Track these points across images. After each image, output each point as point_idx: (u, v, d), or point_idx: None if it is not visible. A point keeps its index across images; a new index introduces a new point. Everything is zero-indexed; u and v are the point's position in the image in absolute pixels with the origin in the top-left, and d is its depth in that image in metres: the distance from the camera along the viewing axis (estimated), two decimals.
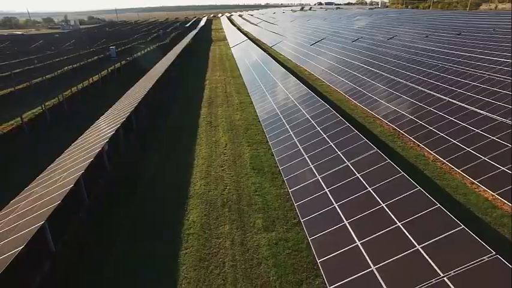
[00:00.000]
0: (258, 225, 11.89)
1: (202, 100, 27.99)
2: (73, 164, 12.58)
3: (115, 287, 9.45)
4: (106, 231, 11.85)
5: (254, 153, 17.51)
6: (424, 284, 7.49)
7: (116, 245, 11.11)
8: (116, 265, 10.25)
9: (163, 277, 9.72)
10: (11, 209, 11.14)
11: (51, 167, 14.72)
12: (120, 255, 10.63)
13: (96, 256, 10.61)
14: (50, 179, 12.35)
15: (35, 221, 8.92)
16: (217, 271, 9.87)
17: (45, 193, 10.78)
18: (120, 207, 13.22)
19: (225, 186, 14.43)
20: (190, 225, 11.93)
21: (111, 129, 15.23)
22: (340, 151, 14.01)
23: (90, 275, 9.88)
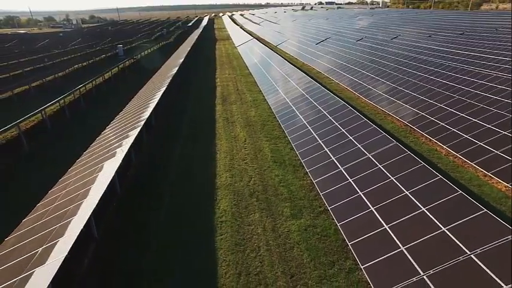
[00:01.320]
0: (286, 213, 12.61)
1: (216, 97, 28.67)
2: (106, 157, 13.26)
3: (155, 272, 10.12)
4: (140, 219, 12.55)
5: (273, 147, 18.22)
6: (453, 261, 8.22)
7: (152, 232, 11.81)
8: (154, 250, 10.95)
9: (203, 260, 10.41)
10: (53, 198, 11.81)
11: (82, 159, 15.43)
12: (157, 241, 11.33)
13: (133, 243, 11.30)
14: (86, 170, 13.05)
15: (85, 208, 9.60)
16: (254, 254, 10.58)
17: (84, 183, 11.47)
18: (151, 197, 13.92)
19: (250, 178, 15.14)
20: (222, 214, 12.64)
21: (137, 126, 15.92)
22: (360, 144, 14.73)
23: (129, 261, 10.57)
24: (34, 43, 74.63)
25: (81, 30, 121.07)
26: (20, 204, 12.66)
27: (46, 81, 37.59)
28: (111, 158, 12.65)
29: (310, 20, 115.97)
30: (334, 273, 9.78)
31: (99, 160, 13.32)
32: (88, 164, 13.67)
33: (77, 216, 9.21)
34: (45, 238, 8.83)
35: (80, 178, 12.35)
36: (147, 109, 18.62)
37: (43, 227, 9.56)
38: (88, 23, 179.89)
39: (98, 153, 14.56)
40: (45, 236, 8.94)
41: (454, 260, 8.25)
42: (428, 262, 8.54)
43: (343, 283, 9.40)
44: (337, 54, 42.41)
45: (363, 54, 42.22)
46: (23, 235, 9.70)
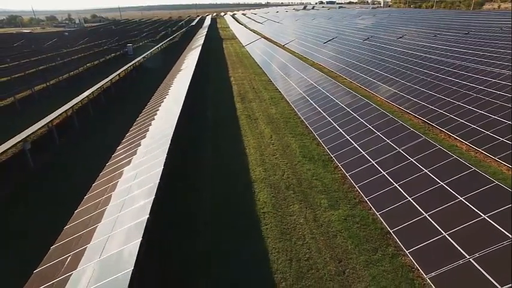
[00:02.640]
0: (324, 204, 13.27)
1: (234, 95, 29.30)
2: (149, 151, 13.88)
3: (208, 258, 10.75)
4: (186, 208, 13.20)
5: (300, 143, 18.88)
6: (498, 245, 8.89)
7: (200, 219, 12.49)
8: (205, 238, 11.60)
9: (254, 248, 11.06)
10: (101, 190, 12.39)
11: (120, 152, 16.04)
12: (206, 230, 11.99)
13: (184, 231, 11.95)
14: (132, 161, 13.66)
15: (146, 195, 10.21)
16: (300, 242, 11.24)
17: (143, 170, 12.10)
18: (193, 190, 14.57)
19: (283, 172, 15.80)
20: (263, 205, 13.29)
21: (171, 125, 16.51)
22: (388, 139, 15.39)
23: (182, 248, 11.22)
24: (42, 42, 75.00)
25: (85, 30, 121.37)
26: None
27: (62, 79, 38.16)
28: (154, 161, 12.97)
29: (313, 20, 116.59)
30: (378, 258, 10.45)
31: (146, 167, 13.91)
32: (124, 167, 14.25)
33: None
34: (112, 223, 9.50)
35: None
36: (178, 108, 19.16)
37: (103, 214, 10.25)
38: (90, 23, 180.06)
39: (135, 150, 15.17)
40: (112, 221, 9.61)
41: (499, 244, 8.91)
42: (473, 246, 9.21)
43: (388, 267, 10.06)
44: (346, 53, 43.08)
45: (372, 54, 42.91)
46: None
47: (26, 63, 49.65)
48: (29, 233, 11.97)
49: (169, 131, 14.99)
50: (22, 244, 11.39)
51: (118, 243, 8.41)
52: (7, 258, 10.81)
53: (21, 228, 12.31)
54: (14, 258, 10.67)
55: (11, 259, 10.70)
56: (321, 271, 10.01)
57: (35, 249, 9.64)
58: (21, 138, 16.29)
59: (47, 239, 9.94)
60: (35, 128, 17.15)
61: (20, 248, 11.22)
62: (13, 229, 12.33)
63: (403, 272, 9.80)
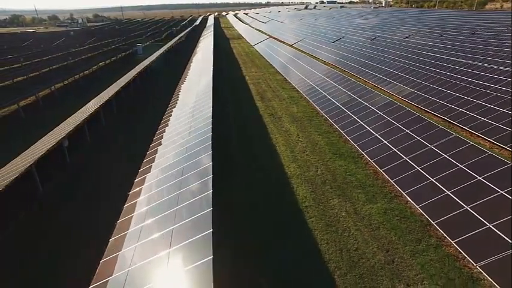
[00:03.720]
0: (361, 198, 13.82)
1: (252, 94, 29.81)
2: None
3: (257, 251, 11.29)
4: (229, 204, 13.73)
5: (327, 140, 19.43)
6: None
7: (240, 214, 13.02)
8: (253, 231, 12.13)
9: (304, 239, 11.60)
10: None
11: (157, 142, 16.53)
12: (254, 227, 12.51)
13: (227, 227, 12.49)
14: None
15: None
16: (347, 234, 11.79)
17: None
18: (229, 186, 15.09)
19: (317, 168, 16.34)
20: (303, 200, 13.83)
21: (207, 123, 17.04)
22: (418, 136, 15.94)
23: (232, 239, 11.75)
24: (50, 42, 75.28)
25: (90, 29, 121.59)
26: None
27: (78, 78, 38.62)
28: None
29: (316, 20, 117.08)
30: (423, 248, 11.00)
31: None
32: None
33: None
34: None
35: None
36: (208, 106, 19.65)
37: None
38: (92, 22, 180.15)
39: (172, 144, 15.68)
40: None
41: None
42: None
43: (434, 257, 10.62)
44: (357, 52, 43.63)
45: (382, 53, 43.51)
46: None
47: (37, 62, 50.01)
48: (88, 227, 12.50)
49: (207, 128, 15.51)
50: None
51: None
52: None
53: (76, 223, 12.83)
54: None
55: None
56: (371, 260, 10.56)
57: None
58: (61, 135, 16.77)
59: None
60: (72, 126, 17.61)
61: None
62: (70, 224, 12.83)
63: (450, 261, 10.36)
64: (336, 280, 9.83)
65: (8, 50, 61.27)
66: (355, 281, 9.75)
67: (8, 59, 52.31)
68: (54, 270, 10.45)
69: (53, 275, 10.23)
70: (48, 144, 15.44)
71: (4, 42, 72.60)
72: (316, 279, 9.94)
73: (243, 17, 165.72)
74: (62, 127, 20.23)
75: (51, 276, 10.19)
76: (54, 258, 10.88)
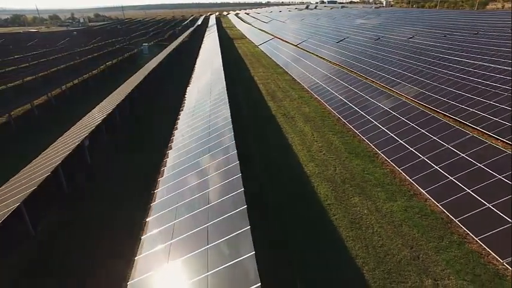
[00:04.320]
0: (381, 196, 14.14)
1: (263, 95, 30.11)
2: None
3: (284, 245, 11.60)
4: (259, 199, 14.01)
5: (342, 140, 19.74)
6: None
7: (269, 210, 13.32)
8: (281, 228, 12.44)
9: (330, 236, 11.91)
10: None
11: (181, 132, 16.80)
12: (280, 222, 12.83)
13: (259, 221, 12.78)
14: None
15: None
16: (371, 231, 12.11)
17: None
18: (253, 184, 15.38)
19: (335, 168, 16.65)
20: (325, 198, 14.15)
21: (227, 123, 17.36)
22: (435, 136, 16.26)
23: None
24: (54, 42, 75.47)
25: (92, 29, 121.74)
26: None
27: (87, 78, 38.88)
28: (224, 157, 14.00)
29: (318, 20, 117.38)
30: (446, 245, 11.32)
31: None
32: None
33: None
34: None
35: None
36: (225, 104, 19.96)
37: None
38: (93, 22, 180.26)
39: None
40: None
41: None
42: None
43: (458, 253, 10.94)
44: (363, 53, 43.95)
45: (388, 54, 43.85)
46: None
47: (44, 62, 50.27)
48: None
49: (228, 128, 15.82)
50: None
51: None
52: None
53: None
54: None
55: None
56: (396, 256, 10.88)
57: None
58: (82, 135, 17.05)
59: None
60: (92, 127, 17.88)
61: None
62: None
63: (474, 258, 10.68)
64: (365, 275, 10.14)
65: (14, 50, 61.48)
66: (384, 276, 10.07)
67: (16, 59, 52.58)
68: (84, 273, 10.75)
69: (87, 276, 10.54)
70: (72, 144, 15.71)
71: (9, 42, 72.74)
72: (346, 274, 10.25)
73: (244, 17, 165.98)
74: (79, 127, 20.52)
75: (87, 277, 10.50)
76: (88, 257, 11.17)
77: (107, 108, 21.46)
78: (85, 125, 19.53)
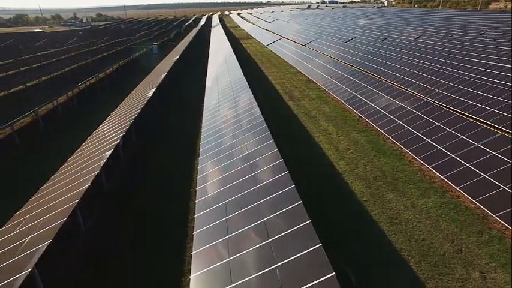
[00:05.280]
0: (415, 193, 14.60)
1: (281, 94, 30.55)
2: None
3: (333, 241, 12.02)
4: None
5: (367, 139, 20.20)
6: None
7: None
8: (325, 225, 12.88)
9: (373, 231, 12.36)
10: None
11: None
12: (321, 218, 13.27)
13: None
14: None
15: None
16: (411, 225, 12.57)
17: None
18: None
19: (365, 166, 17.10)
20: (362, 195, 14.60)
21: (260, 121, 17.82)
22: (462, 135, 16.72)
23: None
24: (62, 42, 75.76)
25: (96, 29, 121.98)
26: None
27: (105, 76, 39.30)
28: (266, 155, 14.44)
29: (322, 19, 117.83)
30: (486, 239, 11.78)
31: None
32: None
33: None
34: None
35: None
36: (253, 101, 20.41)
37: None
38: (96, 21, 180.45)
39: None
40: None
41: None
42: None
43: (500, 247, 11.39)
44: (374, 53, 44.42)
45: (398, 54, 44.33)
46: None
47: (55, 62, 50.64)
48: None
49: (263, 127, 16.28)
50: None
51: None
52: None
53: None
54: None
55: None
56: (439, 250, 11.33)
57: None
58: (117, 135, 17.46)
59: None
60: (128, 124, 18.27)
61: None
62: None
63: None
64: (412, 268, 10.60)
65: (24, 50, 61.79)
66: (431, 268, 10.52)
67: (28, 58, 52.93)
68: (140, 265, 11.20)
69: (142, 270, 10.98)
70: (107, 145, 16.11)
71: (18, 42, 73.03)
72: (393, 266, 10.70)
73: (247, 17, 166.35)
74: (111, 123, 20.89)
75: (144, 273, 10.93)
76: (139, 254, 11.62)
77: (135, 107, 21.87)
78: (118, 122, 19.91)
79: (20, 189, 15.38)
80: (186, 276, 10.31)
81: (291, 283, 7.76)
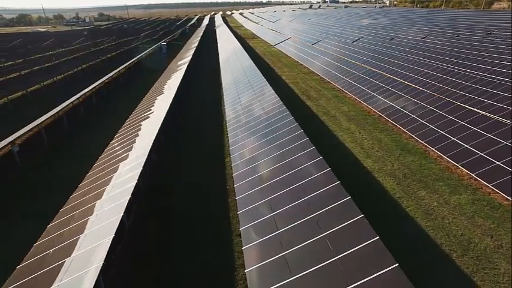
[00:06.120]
0: (445, 190, 14.90)
1: (297, 94, 30.83)
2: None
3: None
4: None
5: (390, 138, 20.49)
6: None
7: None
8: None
9: (411, 226, 12.65)
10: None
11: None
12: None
13: None
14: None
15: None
16: (447, 221, 12.87)
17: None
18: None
19: (392, 164, 17.40)
20: (394, 191, 14.90)
21: (290, 120, 18.09)
22: (489, 134, 17.03)
23: None
24: (68, 41, 75.90)
25: (100, 28, 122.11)
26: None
27: (117, 75, 39.53)
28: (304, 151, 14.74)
29: (325, 19, 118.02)
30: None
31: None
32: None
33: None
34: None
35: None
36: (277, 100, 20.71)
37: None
38: (98, 21, 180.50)
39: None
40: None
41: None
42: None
43: None
44: (382, 52, 44.72)
45: (407, 54, 44.61)
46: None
47: (65, 61, 50.86)
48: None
49: (295, 125, 16.58)
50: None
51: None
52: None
53: None
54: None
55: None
56: (480, 244, 11.64)
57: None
58: (154, 130, 17.72)
59: None
60: (159, 125, 18.54)
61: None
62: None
63: None
64: (455, 261, 10.90)
65: (32, 50, 61.98)
66: (474, 263, 10.82)
67: (37, 58, 53.14)
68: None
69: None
70: (149, 142, 16.36)
71: (26, 42, 73.18)
72: (437, 260, 10.99)
73: (250, 16, 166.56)
74: (130, 125, 21.16)
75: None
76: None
77: (163, 105, 22.13)
78: (152, 121, 20.15)
79: (52, 188, 15.68)
80: (238, 271, 10.57)
81: (355, 274, 8.05)
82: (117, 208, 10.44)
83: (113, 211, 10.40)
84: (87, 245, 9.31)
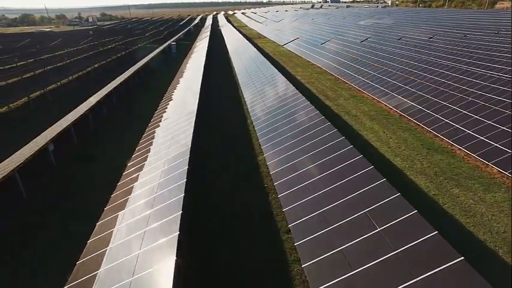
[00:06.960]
0: (479, 188, 15.17)
1: (315, 93, 31.10)
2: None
3: None
4: None
5: (415, 137, 20.76)
6: None
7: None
8: None
9: (451, 223, 12.93)
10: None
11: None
12: None
13: None
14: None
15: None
16: (486, 218, 13.15)
17: None
18: None
19: (421, 162, 17.68)
20: (428, 189, 15.18)
21: (321, 119, 18.38)
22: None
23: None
24: (75, 41, 76.08)
25: (105, 28, 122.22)
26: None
27: (133, 74, 39.74)
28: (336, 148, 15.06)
29: (329, 19, 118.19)
30: None
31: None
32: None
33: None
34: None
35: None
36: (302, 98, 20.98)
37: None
38: (101, 21, 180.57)
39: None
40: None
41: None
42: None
43: None
44: (393, 52, 45.02)
45: (417, 54, 44.88)
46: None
47: (76, 61, 51.09)
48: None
49: (327, 124, 16.87)
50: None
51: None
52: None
53: None
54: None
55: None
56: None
57: None
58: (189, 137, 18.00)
59: None
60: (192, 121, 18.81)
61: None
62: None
63: None
64: (501, 257, 11.18)
65: (42, 50, 62.14)
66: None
67: (48, 58, 53.33)
68: None
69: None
70: (188, 140, 16.63)
71: (35, 42, 73.35)
72: (483, 255, 11.27)
73: (252, 16, 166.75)
74: (171, 121, 21.44)
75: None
76: None
77: (190, 103, 22.44)
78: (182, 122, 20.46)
79: (86, 189, 15.92)
80: (291, 266, 10.84)
81: (419, 268, 8.32)
82: (174, 205, 10.69)
83: (170, 208, 10.67)
84: (150, 242, 9.57)
